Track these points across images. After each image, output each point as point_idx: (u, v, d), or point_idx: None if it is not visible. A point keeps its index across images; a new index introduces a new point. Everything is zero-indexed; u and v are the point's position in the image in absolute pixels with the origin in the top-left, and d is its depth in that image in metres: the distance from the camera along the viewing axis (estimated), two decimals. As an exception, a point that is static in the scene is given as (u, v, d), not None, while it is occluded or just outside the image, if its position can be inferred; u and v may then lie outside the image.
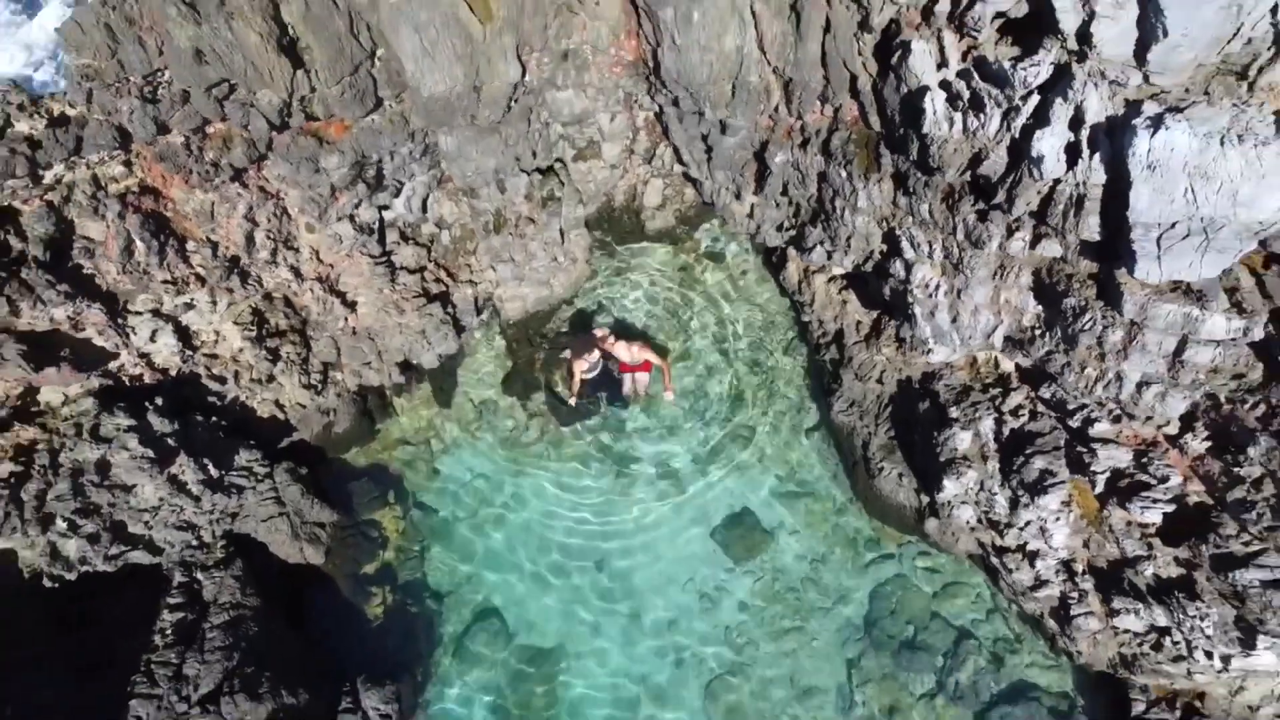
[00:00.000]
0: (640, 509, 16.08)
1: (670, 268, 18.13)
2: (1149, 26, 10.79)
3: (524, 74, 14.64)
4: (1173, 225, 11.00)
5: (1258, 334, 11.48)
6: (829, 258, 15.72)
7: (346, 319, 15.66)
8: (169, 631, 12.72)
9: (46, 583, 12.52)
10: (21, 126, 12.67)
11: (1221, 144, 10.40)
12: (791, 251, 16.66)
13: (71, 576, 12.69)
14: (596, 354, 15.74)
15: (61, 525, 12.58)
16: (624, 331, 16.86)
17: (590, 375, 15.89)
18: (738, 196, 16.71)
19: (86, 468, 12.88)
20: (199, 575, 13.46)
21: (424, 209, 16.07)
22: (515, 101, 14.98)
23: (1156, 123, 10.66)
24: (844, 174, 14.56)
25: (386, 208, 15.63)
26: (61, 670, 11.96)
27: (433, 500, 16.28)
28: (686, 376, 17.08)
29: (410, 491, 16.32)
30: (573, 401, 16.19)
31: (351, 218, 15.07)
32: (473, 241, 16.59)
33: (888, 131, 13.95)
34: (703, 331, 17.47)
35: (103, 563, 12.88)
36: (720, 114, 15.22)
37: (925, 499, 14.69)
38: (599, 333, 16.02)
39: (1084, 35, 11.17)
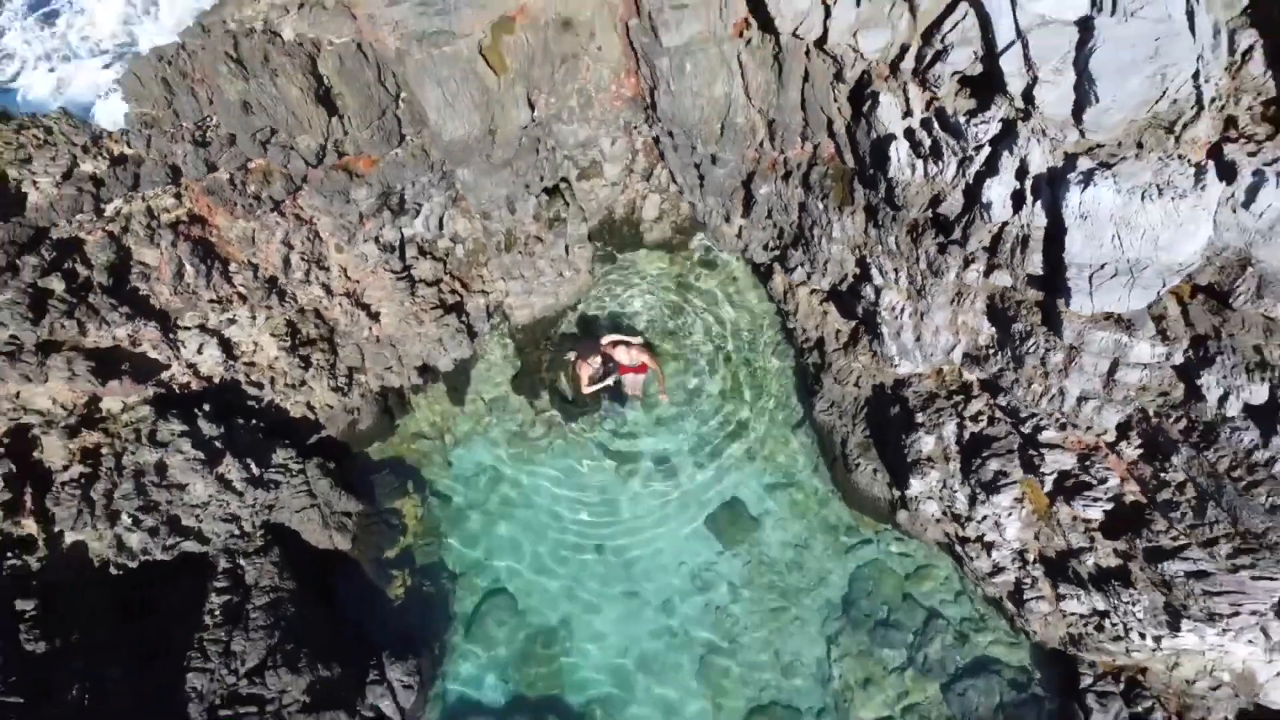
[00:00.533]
0: (638, 498, 16.98)
1: (667, 275, 18.97)
2: (1084, 91, 12.08)
3: (533, 112, 15.75)
4: (1102, 266, 12.26)
5: (1178, 359, 12.70)
6: (809, 277, 16.76)
7: (371, 328, 16.68)
8: (217, 612, 13.88)
9: (113, 570, 13.73)
10: (87, 166, 13.93)
11: (1143, 199, 11.65)
12: (777, 266, 17.63)
13: (134, 565, 13.89)
14: (599, 359, 16.63)
15: (126, 520, 13.78)
16: (624, 335, 17.54)
17: (596, 382, 16.73)
18: (727, 219, 17.78)
19: (147, 469, 14.01)
20: (241, 562, 14.58)
21: (440, 226, 17.11)
22: (524, 138, 16.09)
23: (1087, 178, 11.93)
24: (821, 206, 15.68)
25: (407, 226, 16.70)
26: (127, 654, 13.08)
27: (447, 490, 17.19)
28: (682, 375, 17.93)
29: (427, 482, 17.23)
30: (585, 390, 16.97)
31: (376, 239, 16.14)
32: (484, 254, 17.64)
33: (860, 169, 15.06)
34: (697, 334, 18.31)
35: (160, 552, 14.05)
36: (710, 149, 16.32)
37: (897, 493, 15.74)
38: (603, 339, 16.92)
39: (1028, 96, 12.44)
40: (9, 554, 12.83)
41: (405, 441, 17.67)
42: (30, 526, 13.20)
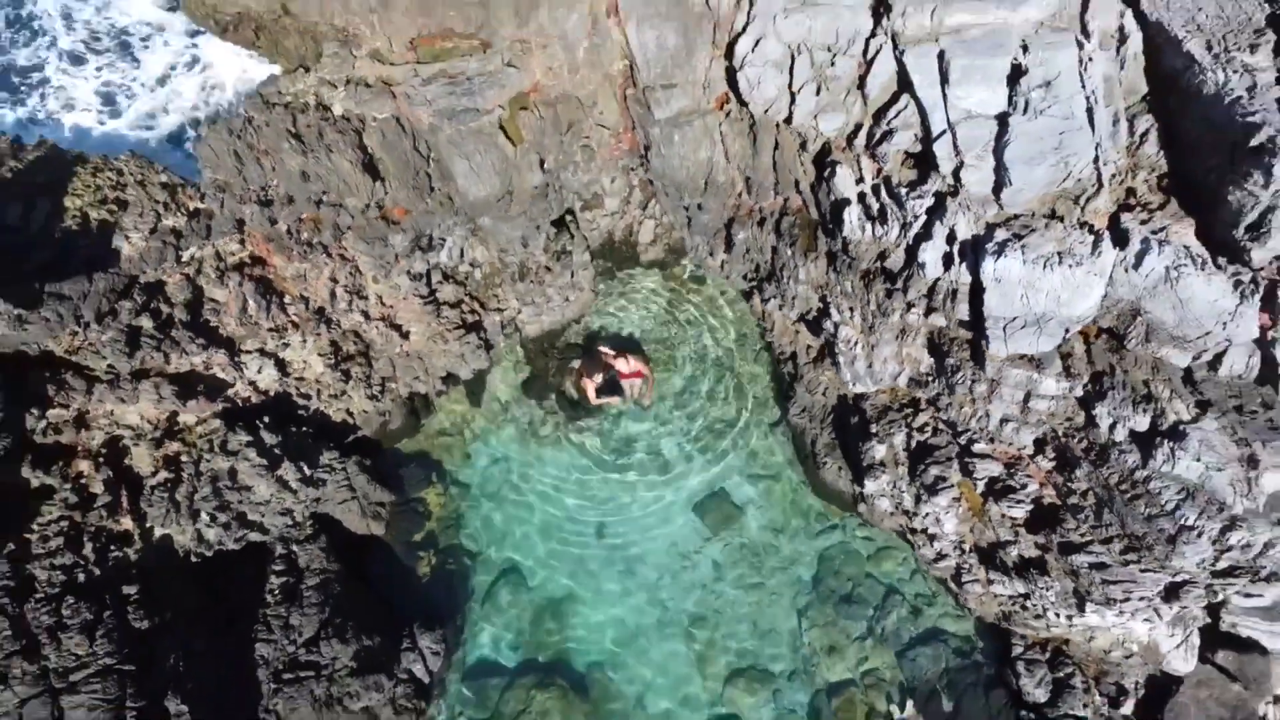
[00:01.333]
0: (634, 487, 18.56)
1: (661, 290, 20.76)
2: (1001, 175, 14.36)
3: (543, 169, 17.80)
4: (1014, 318, 14.61)
5: (1079, 392, 15.04)
6: (780, 307, 18.83)
7: (402, 345, 18.56)
8: (277, 592, 15.75)
9: (193, 559, 15.81)
10: (168, 221, 16.17)
11: (1045, 266, 13.96)
12: (755, 292, 19.64)
13: (210, 555, 15.94)
14: (600, 372, 18.35)
15: (205, 518, 15.84)
16: (622, 345, 19.48)
17: (602, 394, 18.37)
18: (711, 254, 19.84)
19: (221, 475, 16.08)
20: (295, 548, 16.36)
21: (461, 255, 19.04)
22: (536, 190, 18.15)
23: (1000, 249, 14.26)
24: (789, 251, 17.83)
25: (432, 257, 18.66)
26: (208, 629, 15.07)
27: (467, 480, 18.74)
28: (674, 379, 19.63)
29: (448, 473, 18.77)
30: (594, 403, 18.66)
31: (408, 271, 18.13)
32: (499, 276, 19.56)
33: (822, 221, 17.18)
34: (688, 342, 20.08)
35: (231, 544, 16.09)
36: (696, 199, 18.45)
37: (857, 488, 17.58)
38: (607, 351, 18.64)
39: (957, 176, 14.72)
40: (112, 546, 14.97)
41: (430, 438, 19.16)
42: (128, 523, 15.33)
